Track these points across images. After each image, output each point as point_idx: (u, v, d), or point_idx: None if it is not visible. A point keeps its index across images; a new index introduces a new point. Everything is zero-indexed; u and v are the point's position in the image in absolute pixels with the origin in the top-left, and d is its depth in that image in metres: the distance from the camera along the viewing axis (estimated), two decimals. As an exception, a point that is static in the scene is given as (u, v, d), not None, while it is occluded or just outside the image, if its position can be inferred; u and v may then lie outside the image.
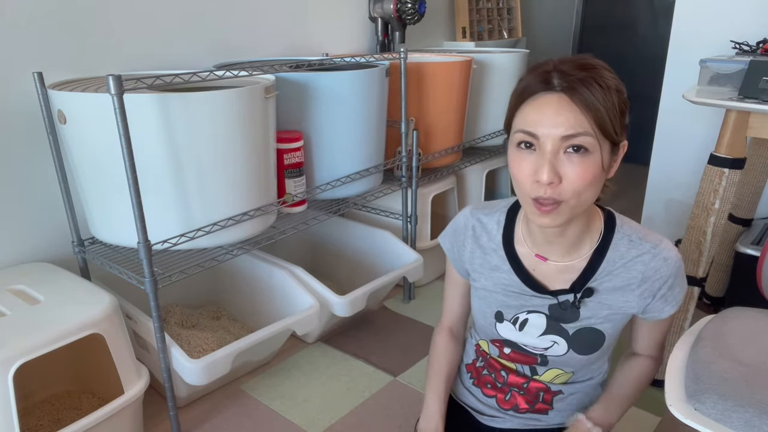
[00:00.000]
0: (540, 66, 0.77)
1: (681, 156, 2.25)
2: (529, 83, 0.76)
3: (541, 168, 0.74)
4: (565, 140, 0.73)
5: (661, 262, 0.84)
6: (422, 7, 2.58)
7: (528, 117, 0.75)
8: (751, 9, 1.95)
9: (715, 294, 2.08)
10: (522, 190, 0.78)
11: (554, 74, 0.74)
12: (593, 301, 0.87)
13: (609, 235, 0.87)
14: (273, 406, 1.65)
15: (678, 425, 0.81)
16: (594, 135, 0.73)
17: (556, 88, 0.73)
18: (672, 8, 2.16)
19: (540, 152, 0.74)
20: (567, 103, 0.73)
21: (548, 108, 0.73)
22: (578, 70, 0.73)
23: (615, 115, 0.74)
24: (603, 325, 0.88)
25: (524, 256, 0.90)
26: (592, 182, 0.75)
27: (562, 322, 0.89)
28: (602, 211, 0.89)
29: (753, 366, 0.85)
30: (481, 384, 1.03)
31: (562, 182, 0.74)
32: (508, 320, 0.92)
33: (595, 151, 0.74)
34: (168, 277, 1.47)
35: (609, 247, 0.86)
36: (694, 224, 1.50)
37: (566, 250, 0.87)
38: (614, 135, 0.75)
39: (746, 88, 1.36)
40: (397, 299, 2.25)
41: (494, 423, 1.01)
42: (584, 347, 0.89)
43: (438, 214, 2.39)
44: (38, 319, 1.31)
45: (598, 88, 0.72)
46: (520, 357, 0.95)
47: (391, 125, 2.09)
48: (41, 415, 1.53)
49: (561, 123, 0.72)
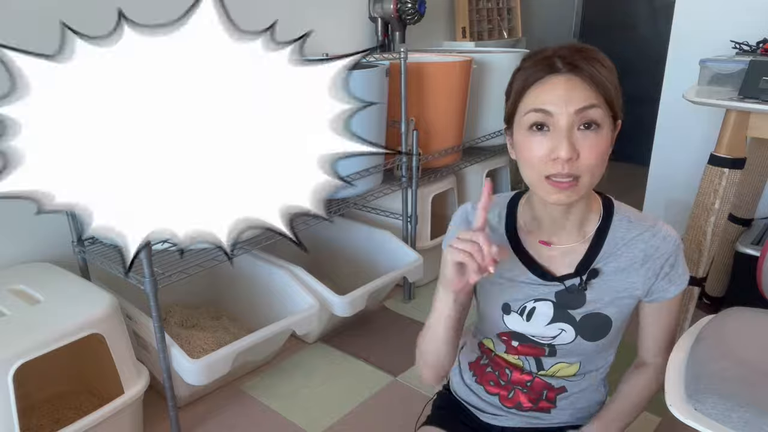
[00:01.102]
0: (538, 54, 0.80)
1: (681, 156, 2.25)
2: (531, 71, 0.79)
3: (560, 144, 0.76)
4: (578, 113, 0.76)
5: (660, 240, 0.87)
6: (422, 7, 2.58)
7: (539, 98, 0.78)
8: (751, 9, 1.95)
9: (715, 294, 2.08)
10: (535, 170, 0.79)
11: (556, 59, 0.77)
12: (598, 283, 0.88)
13: (609, 217, 0.89)
14: (273, 406, 1.65)
15: (678, 425, 0.81)
16: (603, 108, 0.77)
17: (562, 70, 0.77)
18: (672, 8, 2.16)
19: (555, 130, 0.77)
20: (577, 81, 0.76)
21: (558, 88, 0.76)
22: (578, 53, 0.77)
23: (618, 92, 0.79)
24: (609, 309, 0.89)
25: (528, 244, 0.91)
26: (603, 157, 0.79)
27: (569, 309, 0.90)
28: (600, 196, 0.92)
29: (753, 366, 0.85)
30: (483, 381, 1.02)
31: (580, 158, 0.77)
32: (515, 311, 0.92)
33: (604, 125, 0.77)
34: (168, 277, 1.47)
35: (610, 228, 0.89)
36: (694, 224, 1.50)
37: (570, 230, 0.88)
38: (616, 111, 0.79)
39: (746, 88, 1.36)
40: (397, 299, 2.25)
41: (496, 421, 1.01)
42: (592, 333, 0.90)
43: (438, 214, 2.39)
44: (38, 319, 1.31)
45: (601, 67, 0.77)
46: (528, 349, 0.95)
47: (391, 125, 2.09)
48: (41, 415, 1.53)
49: (573, 98, 0.76)
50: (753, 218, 2.06)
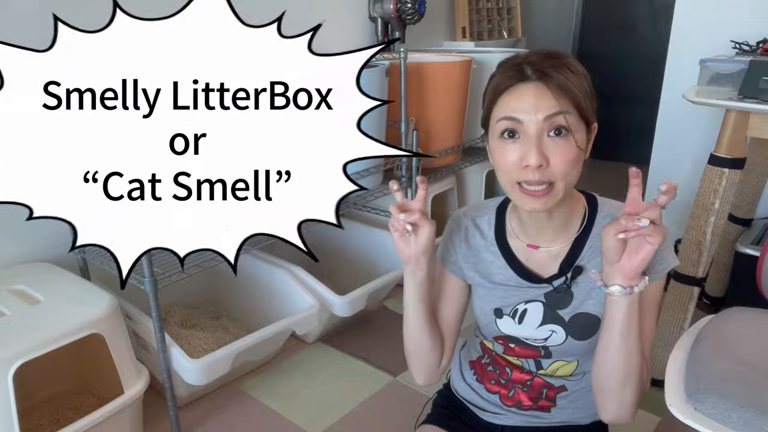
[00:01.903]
0: (509, 61, 0.82)
1: (681, 156, 2.25)
2: (502, 78, 0.80)
3: (529, 152, 0.77)
4: (547, 120, 0.77)
5: None
6: (422, 7, 2.58)
7: (509, 106, 0.79)
8: (751, 9, 1.95)
9: (715, 294, 2.08)
10: (507, 176, 0.81)
11: (526, 66, 0.78)
12: (584, 280, 0.89)
13: (593, 215, 0.90)
14: (273, 406, 1.65)
15: (678, 425, 0.81)
16: (573, 114, 0.78)
17: (532, 77, 0.78)
18: (672, 8, 2.16)
19: (525, 138, 0.78)
20: (545, 89, 0.77)
21: (528, 95, 0.77)
22: (548, 59, 0.78)
23: (587, 97, 0.79)
24: (596, 308, 0.89)
25: (517, 248, 0.93)
26: (575, 162, 0.79)
27: (558, 309, 0.90)
28: (583, 194, 0.92)
29: (753, 366, 0.85)
30: (484, 380, 1.03)
31: (550, 164, 0.77)
32: (507, 315, 0.93)
33: (575, 131, 0.78)
34: (168, 277, 1.47)
35: (593, 226, 0.89)
36: (694, 224, 1.50)
37: (556, 233, 0.89)
38: (588, 116, 0.80)
39: (746, 88, 1.36)
40: (397, 299, 2.25)
41: (496, 420, 1.02)
42: (581, 333, 0.90)
43: (438, 214, 2.39)
44: (38, 319, 1.31)
45: (570, 74, 0.77)
46: (525, 351, 0.95)
47: (391, 125, 2.09)
48: (41, 415, 1.53)
49: (542, 106, 0.76)
50: (753, 218, 2.06)
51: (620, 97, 3.62)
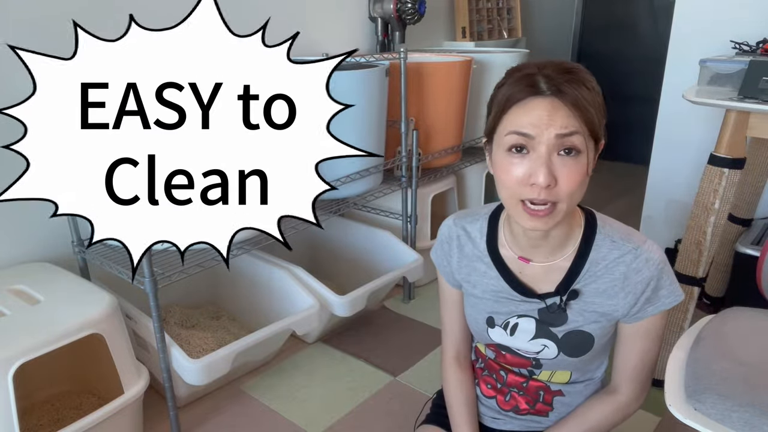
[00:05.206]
0: (521, 70, 0.77)
1: (681, 156, 2.25)
2: (514, 89, 0.76)
3: (538, 170, 0.74)
4: (559, 138, 0.73)
5: (642, 263, 0.83)
6: (422, 7, 2.58)
7: (520, 120, 0.75)
8: (751, 9, 1.95)
9: (715, 294, 2.08)
10: (511, 192, 0.78)
11: (540, 78, 0.74)
12: (579, 304, 0.87)
13: (591, 236, 0.86)
14: (273, 406, 1.65)
15: (678, 425, 0.81)
16: (584, 134, 0.74)
17: (546, 92, 0.74)
18: (672, 8, 2.16)
19: (535, 155, 0.74)
20: (559, 105, 0.73)
21: (541, 110, 0.74)
22: (563, 73, 0.74)
23: (601, 115, 0.76)
24: (590, 327, 0.88)
25: (509, 259, 0.90)
26: (582, 183, 0.76)
27: (551, 326, 0.89)
28: (582, 211, 0.89)
29: (753, 366, 0.85)
30: (481, 383, 1.03)
31: (558, 184, 0.74)
32: (499, 325, 0.92)
33: (584, 151, 0.75)
34: (168, 277, 1.47)
35: (592, 247, 0.86)
36: (694, 224, 1.50)
37: (550, 251, 0.87)
38: (599, 134, 0.77)
39: (746, 88, 1.36)
40: (397, 299, 2.25)
41: (494, 424, 1.02)
42: (574, 350, 0.89)
43: (438, 214, 2.39)
44: (38, 319, 1.31)
45: (586, 90, 0.74)
46: (516, 360, 0.95)
47: (391, 125, 2.09)
48: (41, 415, 1.53)
49: (555, 123, 0.73)
50: (753, 218, 2.06)
51: (620, 97, 3.62)
